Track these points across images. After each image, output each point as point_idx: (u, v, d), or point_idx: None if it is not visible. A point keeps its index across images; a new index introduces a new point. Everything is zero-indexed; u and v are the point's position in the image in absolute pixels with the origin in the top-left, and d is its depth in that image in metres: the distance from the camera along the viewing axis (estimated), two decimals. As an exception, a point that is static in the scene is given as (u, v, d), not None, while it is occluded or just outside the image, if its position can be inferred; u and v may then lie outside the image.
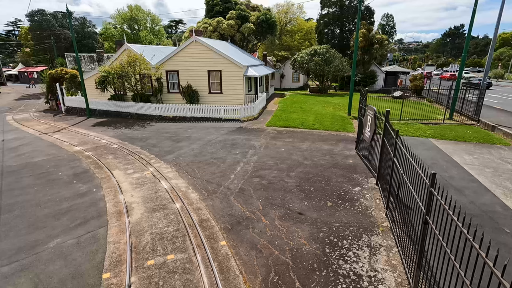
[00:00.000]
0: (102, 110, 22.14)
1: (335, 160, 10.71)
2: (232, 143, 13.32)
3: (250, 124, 16.92)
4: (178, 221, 6.95)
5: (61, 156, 12.46)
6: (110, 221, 7.07)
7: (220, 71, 20.39)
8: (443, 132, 14.17)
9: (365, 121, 9.98)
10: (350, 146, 12.43)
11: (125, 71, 19.67)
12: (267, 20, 33.14)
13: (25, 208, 8.09)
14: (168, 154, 12.12)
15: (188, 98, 20.84)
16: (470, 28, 16.36)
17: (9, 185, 9.75)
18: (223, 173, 9.90)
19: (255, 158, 11.18)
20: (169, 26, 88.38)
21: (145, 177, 9.82)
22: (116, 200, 8.18)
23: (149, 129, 17.14)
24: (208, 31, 32.76)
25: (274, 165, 10.45)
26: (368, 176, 9.24)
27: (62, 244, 6.31)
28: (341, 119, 17.49)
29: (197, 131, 15.94)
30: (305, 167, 10.12)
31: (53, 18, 47.29)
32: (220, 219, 7.00)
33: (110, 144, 14.08)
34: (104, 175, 10.10)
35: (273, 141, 13.37)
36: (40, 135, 16.52)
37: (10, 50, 75.85)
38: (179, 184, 9.16)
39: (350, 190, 8.28)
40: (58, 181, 9.80)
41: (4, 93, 41.89)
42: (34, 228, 7.09)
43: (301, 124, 16.10)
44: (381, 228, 6.35)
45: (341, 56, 30.58)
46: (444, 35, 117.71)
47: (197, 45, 20.22)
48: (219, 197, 8.16)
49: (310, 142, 13.06)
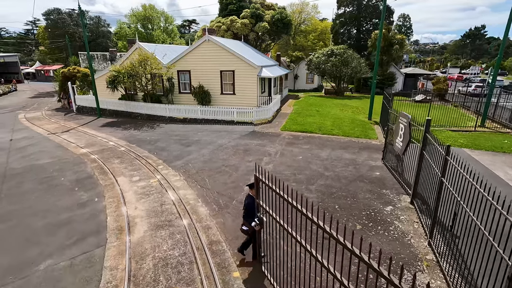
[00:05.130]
0: (112, 110, 21.70)
1: (360, 172, 9.64)
2: (245, 149, 12.43)
3: (264, 128, 15.99)
4: (185, 243, 6.09)
5: (66, 159, 11.88)
6: (109, 240, 6.29)
7: (233, 71, 19.55)
8: (477, 141, 12.84)
9: (396, 129, 8.88)
10: (374, 155, 11.31)
11: (136, 70, 19.11)
12: (282, 19, 32.13)
13: (22, 218, 7.44)
14: (176, 160, 11.35)
15: (200, 99, 20.11)
16: (508, 29, 14.88)
17: (10, 190, 9.18)
18: (236, 183, 9.01)
19: (271, 167, 10.24)
20: (182, 26, 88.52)
21: (151, 186, 9.05)
22: (118, 213, 7.42)
23: (158, 131, 16.47)
24: (221, 30, 32.04)
25: (291, 175, 9.49)
26: (399, 193, 8.15)
27: (54, 266, 5.56)
28: (362, 124, 16.32)
29: (208, 134, 15.14)
30: (327, 179, 9.11)
31: (68, 17, 47.75)
32: (233, 242, 6.10)
33: (117, 146, 13.45)
34: (108, 182, 9.39)
35: (289, 148, 12.40)
36: (48, 135, 16.11)
37: (28, 49, 77.64)
38: (188, 195, 8.34)
39: (381, 210, 7.23)
40: (60, 188, 9.15)
41: (21, 90, 42.49)
42: (27, 243, 6.39)
43: (318, 129, 15.05)
44: (425, 263, 5.30)
45: (359, 57, 29.23)
46: (464, 36, 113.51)
47: (210, 44, 19.46)
48: (231, 213, 7.28)
49: (330, 150, 12.01)
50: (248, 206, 5.07)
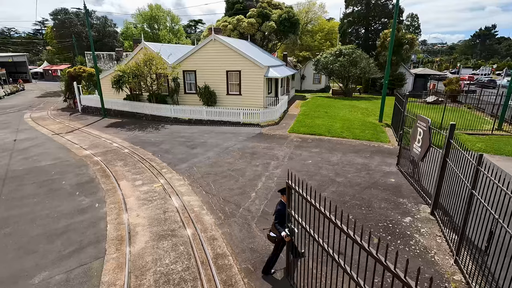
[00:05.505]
0: (117, 110, 21.47)
1: (374, 178, 9.12)
2: (251, 152, 11.99)
3: (271, 130, 15.53)
4: (188, 256, 5.68)
5: (68, 161, 11.59)
6: (109, 251, 5.91)
7: (239, 71, 19.13)
8: (497, 146, 12.18)
9: (414, 133, 8.34)
10: (388, 160, 10.76)
11: (141, 70, 18.82)
12: (289, 18, 31.60)
13: (19, 224, 7.12)
14: (181, 163, 10.96)
15: (205, 99, 19.74)
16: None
17: (9, 194, 8.89)
18: (243, 189, 8.58)
19: (279, 172, 9.78)
20: (188, 26, 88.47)
21: (154, 190, 8.67)
22: (119, 220, 7.04)
23: (163, 132, 16.13)
24: (228, 30, 31.66)
25: (301, 181, 9.01)
26: (418, 202, 7.61)
27: (49, 280, 5.19)
28: (372, 126, 15.73)
29: (214, 136, 14.74)
30: (339, 186, 8.62)
31: (75, 17, 47.93)
32: (239, 256, 5.66)
33: (121, 148, 13.13)
34: (110, 187, 9.04)
35: (297, 151, 11.92)
36: (52, 136, 15.90)
37: (37, 48, 78.46)
38: (192, 201, 7.93)
39: (399, 221, 6.71)
40: (60, 192, 8.83)
41: (28, 90, 42.75)
42: (23, 252, 6.06)
43: (327, 132, 14.53)
44: (453, 284, 4.79)
45: (368, 57, 28.54)
46: (474, 36, 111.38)
47: (216, 44, 19.07)
48: (238, 223, 6.84)
49: (341, 154, 11.50)
50: (279, 213, 4.71)
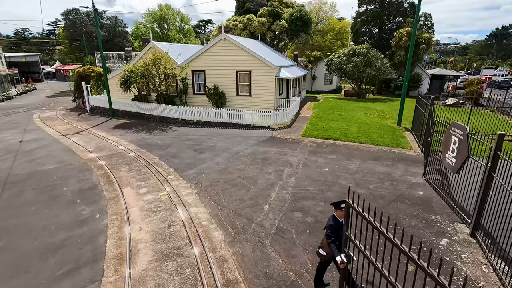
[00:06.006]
0: (125, 111, 21.08)
1: (399, 190, 8.27)
2: (263, 158, 11.27)
3: (283, 133, 14.77)
4: (195, 281, 5.00)
5: (72, 165, 11.12)
6: (106, 272, 5.29)
7: (250, 71, 18.45)
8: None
9: (446, 141, 7.46)
10: (412, 169, 9.87)
11: (149, 70, 18.34)
12: (301, 17, 30.75)
13: (13, 237, 6.59)
14: (188, 169, 10.33)
15: (214, 100, 19.14)
16: None
17: (8, 200, 8.43)
18: (255, 200, 7.87)
19: (293, 181, 9.04)
20: (198, 26, 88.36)
21: (160, 200, 8.05)
22: (120, 235, 6.43)
23: (170, 134, 15.58)
24: (238, 29, 31.03)
25: (318, 192, 8.25)
26: (453, 220, 6.75)
27: (38, 307, 4.61)
28: (391, 130, 14.80)
29: (223, 140, 14.09)
30: (360, 199, 7.80)
31: (86, 17, 48.19)
32: (252, 282, 4.96)
33: (127, 151, 12.61)
34: (113, 195, 8.47)
35: (312, 157, 11.14)
36: (59, 137, 15.54)
37: (50, 49, 79.71)
38: (200, 214, 7.27)
39: (434, 244, 5.88)
40: (61, 200, 8.31)
41: (40, 89, 43.15)
42: (14, 271, 5.50)
43: (343, 136, 13.68)
44: (514, 331, 3.96)
45: (383, 57, 27.44)
46: (490, 36, 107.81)
47: (225, 43, 18.44)
48: (250, 241, 6.13)
49: (359, 161, 10.66)
50: (333, 230, 4.15)
